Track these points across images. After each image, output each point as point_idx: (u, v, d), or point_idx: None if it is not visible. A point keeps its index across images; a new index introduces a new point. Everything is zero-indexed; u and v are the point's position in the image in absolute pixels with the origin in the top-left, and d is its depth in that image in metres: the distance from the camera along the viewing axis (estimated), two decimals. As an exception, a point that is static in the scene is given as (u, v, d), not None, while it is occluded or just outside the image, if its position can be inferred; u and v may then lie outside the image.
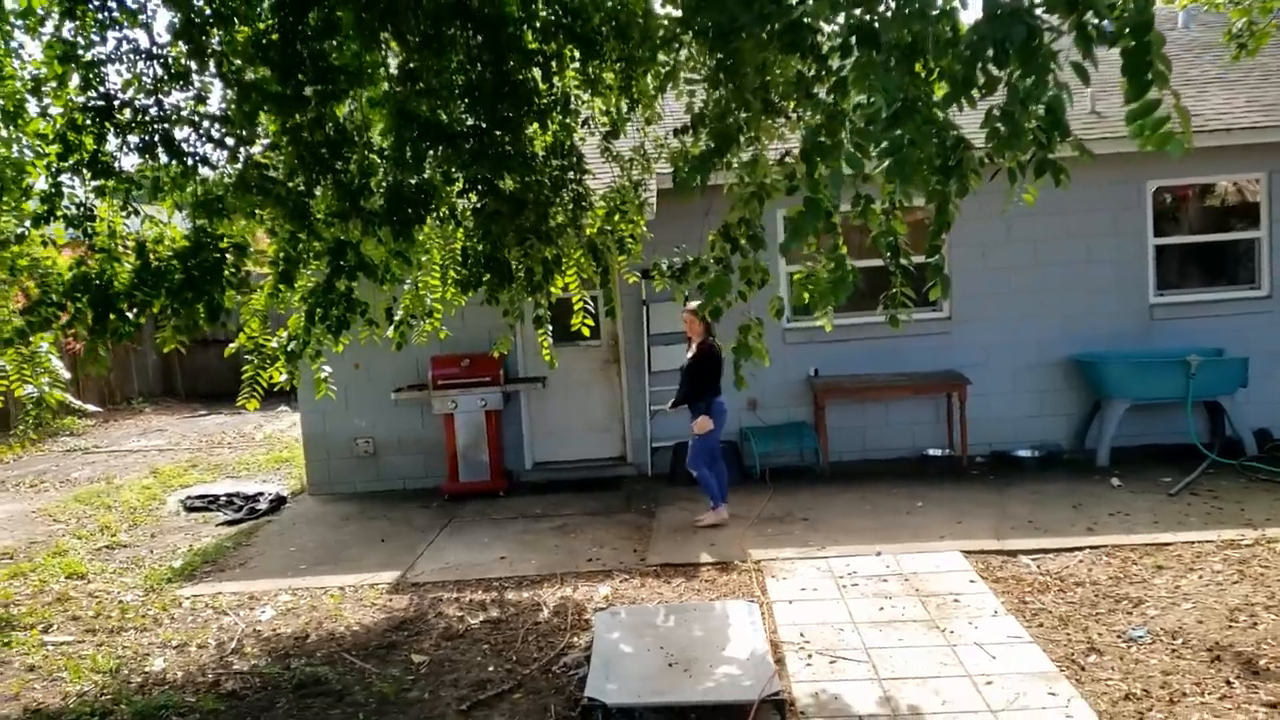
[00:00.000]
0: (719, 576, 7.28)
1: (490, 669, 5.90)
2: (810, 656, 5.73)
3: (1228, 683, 5.13)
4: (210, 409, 18.53)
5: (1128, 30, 3.33)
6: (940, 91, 4.36)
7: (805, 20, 4.15)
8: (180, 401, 19.86)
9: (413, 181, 6.28)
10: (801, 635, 6.04)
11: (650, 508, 9.28)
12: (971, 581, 6.82)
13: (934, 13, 3.85)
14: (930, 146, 4.01)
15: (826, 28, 4.44)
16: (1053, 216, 9.86)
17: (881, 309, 5.67)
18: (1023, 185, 4.65)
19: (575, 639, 6.25)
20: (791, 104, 5.09)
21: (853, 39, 3.93)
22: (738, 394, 10.11)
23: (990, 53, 3.54)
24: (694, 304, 8.76)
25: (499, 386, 10.23)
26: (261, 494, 10.76)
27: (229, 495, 10.80)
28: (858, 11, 3.94)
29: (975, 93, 3.75)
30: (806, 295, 5.22)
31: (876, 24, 3.90)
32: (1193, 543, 7.30)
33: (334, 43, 5.85)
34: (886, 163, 3.74)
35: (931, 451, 10.38)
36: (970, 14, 4.25)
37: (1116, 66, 3.51)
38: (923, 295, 5.82)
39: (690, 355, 8.55)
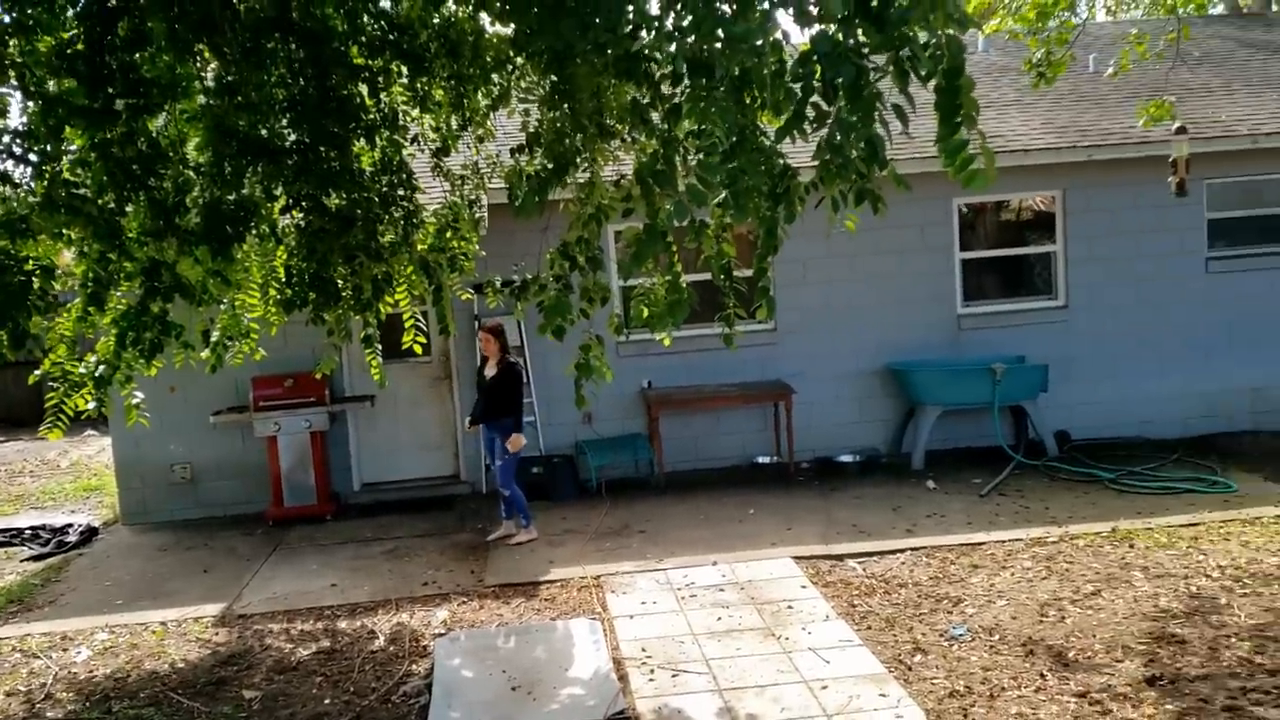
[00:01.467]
0: (559, 594, 7.27)
1: (327, 701, 5.73)
2: (653, 671, 5.80)
3: (1041, 675, 5.47)
4: (9, 435, 17.28)
5: (941, 71, 3.52)
6: (768, 120, 4.52)
7: (640, 50, 4.22)
8: (-28, 427, 18.44)
9: (231, 198, 6.05)
10: (643, 650, 6.11)
11: (486, 526, 9.18)
12: (803, 587, 7.04)
13: (759, 43, 3.97)
14: (761, 176, 4.14)
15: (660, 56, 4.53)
16: (867, 233, 10.02)
17: (717, 326, 5.80)
18: (844, 213, 4.86)
19: (414, 666, 6.14)
20: (626, 128, 5.15)
21: (685, 68, 4.03)
22: (570, 408, 10.24)
23: (819, 88, 3.68)
24: (491, 322, 8.79)
25: (324, 406, 9.94)
26: (70, 525, 10.10)
27: (34, 529, 10.09)
28: (690, 41, 4.03)
29: (807, 126, 3.90)
30: (645, 311, 5.30)
31: (707, 54, 4.00)
32: (1004, 541, 7.74)
33: (146, 54, 5.58)
34: (724, 194, 3.84)
35: (761, 459, 10.67)
36: (795, 39, 4.41)
37: (927, 89, 3.73)
38: (751, 312, 5.96)
39: (492, 374, 8.52)
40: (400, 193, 6.81)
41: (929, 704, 5.22)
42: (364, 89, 6.24)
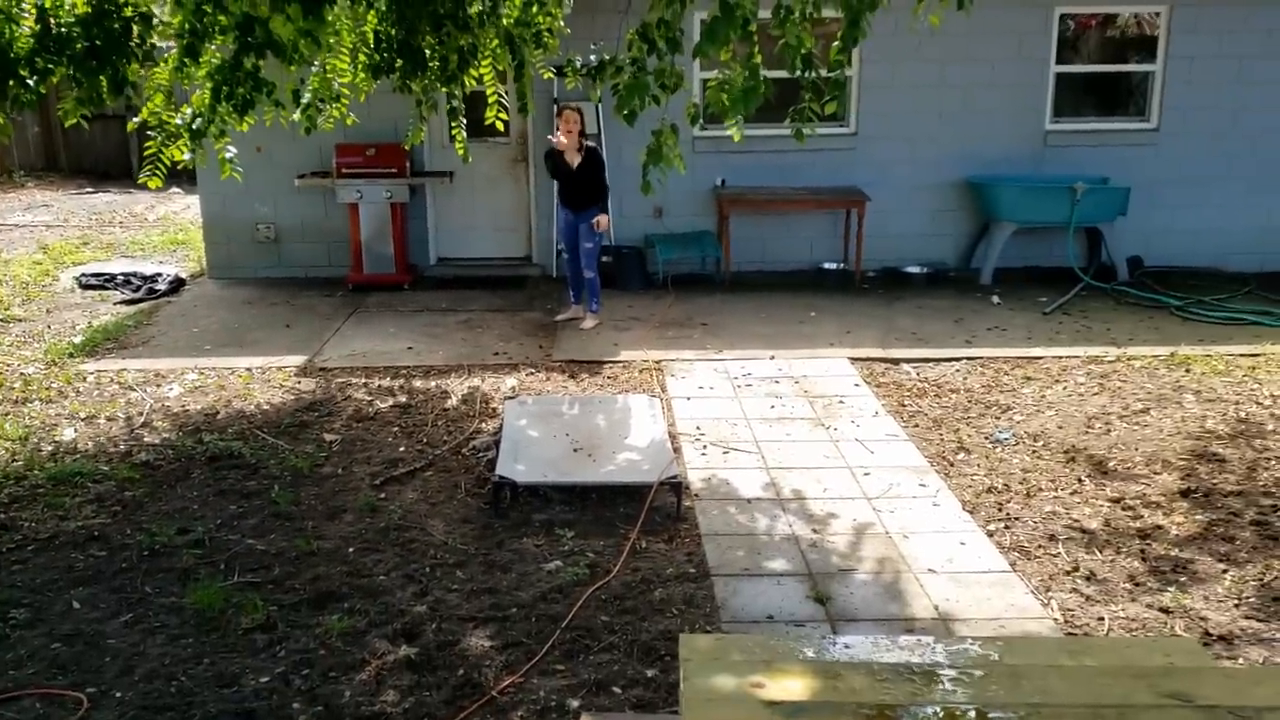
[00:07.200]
0: (621, 374, 7.60)
1: (401, 449, 6.17)
2: (705, 447, 6.14)
3: (1079, 480, 5.70)
4: (97, 187, 17.83)
5: None
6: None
7: None
8: (64, 177, 19.01)
9: (325, -43, 6.06)
10: (698, 428, 6.44)
11: (554, 308, 9.47)
12: (856, 385, 7.28)
13: None
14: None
15: None
16: (960, 38, 9.90)
17: (789, 121, 5.74)
18: (929, 7, 4.77)
19: (483, 425, 6.54)
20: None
21: None
22: (641, 200, 10.28)
23: None
24: (573, 104, 8.79)
25: (405, 179, 10.15)
26: (160, 274, 10.60)
27: (126, 275, 10.61)
28: None
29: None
30: (724, 98, 5.28)
31: None
32: (1060, 357, 7.86)
33: None
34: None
35: (828, 265, 10.74)
36: None
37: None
38: (822, 105, 5.82)
39: (577, 162, 8.57)
40: (490, -38, 6.75)
41: (966, 496, 5.50)
42: None
